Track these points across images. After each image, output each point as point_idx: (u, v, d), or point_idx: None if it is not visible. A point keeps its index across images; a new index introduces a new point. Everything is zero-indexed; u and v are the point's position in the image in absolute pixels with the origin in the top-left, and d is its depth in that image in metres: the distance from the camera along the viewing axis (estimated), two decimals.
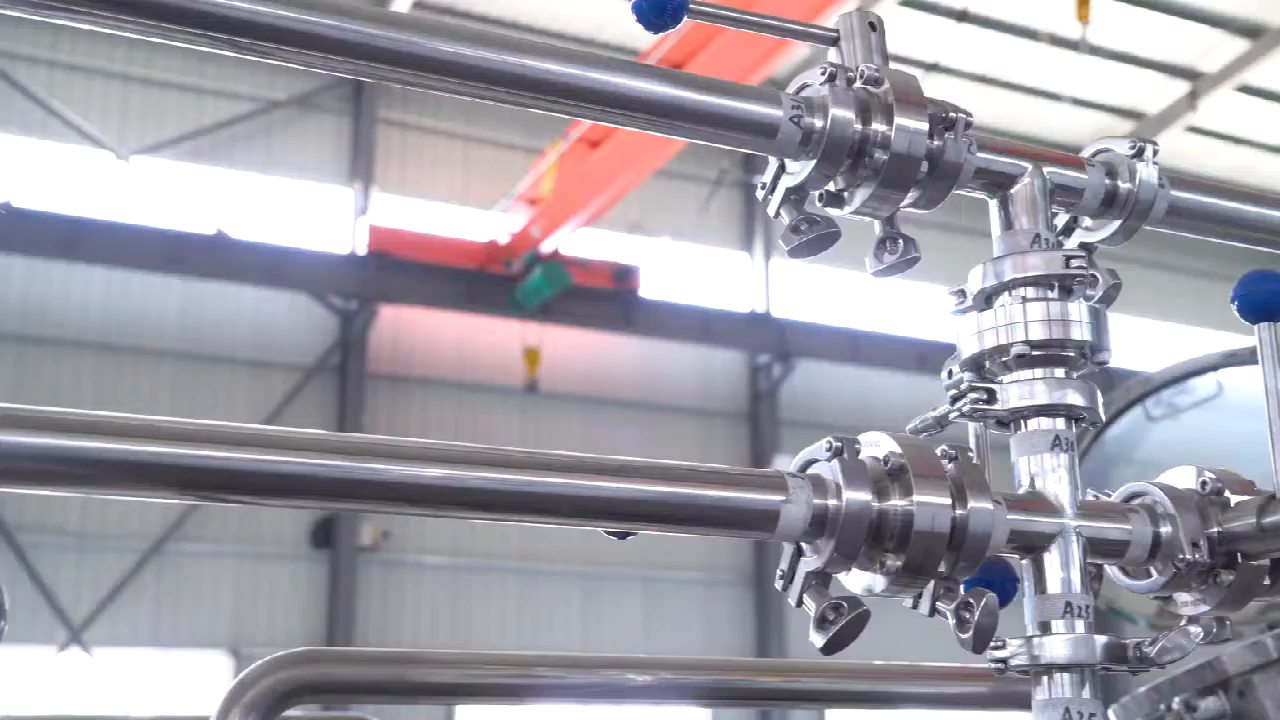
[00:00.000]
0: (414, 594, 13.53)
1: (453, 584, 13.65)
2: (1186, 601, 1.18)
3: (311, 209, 13.95)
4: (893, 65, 1.14)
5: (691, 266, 15.40)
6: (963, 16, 13.83)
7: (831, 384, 15.61)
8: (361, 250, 13.66)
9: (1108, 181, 1.25)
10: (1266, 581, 1.16)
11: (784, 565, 1.06)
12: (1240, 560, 1.15)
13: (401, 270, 13.43)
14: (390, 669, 1.54)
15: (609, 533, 1.04)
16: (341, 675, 1.47)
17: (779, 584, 1.06)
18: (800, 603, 1.05)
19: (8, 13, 0.94)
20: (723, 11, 1.12)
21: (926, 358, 13.93)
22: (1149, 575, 1.17)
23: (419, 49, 1.02)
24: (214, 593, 12.75)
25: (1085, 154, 1.29)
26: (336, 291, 13.52)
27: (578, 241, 13.93)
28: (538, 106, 1.09)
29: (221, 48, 0.98)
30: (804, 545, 1.05)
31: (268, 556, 13.01)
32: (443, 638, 13.20)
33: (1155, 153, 1.26)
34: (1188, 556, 1.13)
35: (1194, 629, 1.08)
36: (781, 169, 1.15)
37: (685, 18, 1.11)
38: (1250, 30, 15.03)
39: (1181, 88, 15.81)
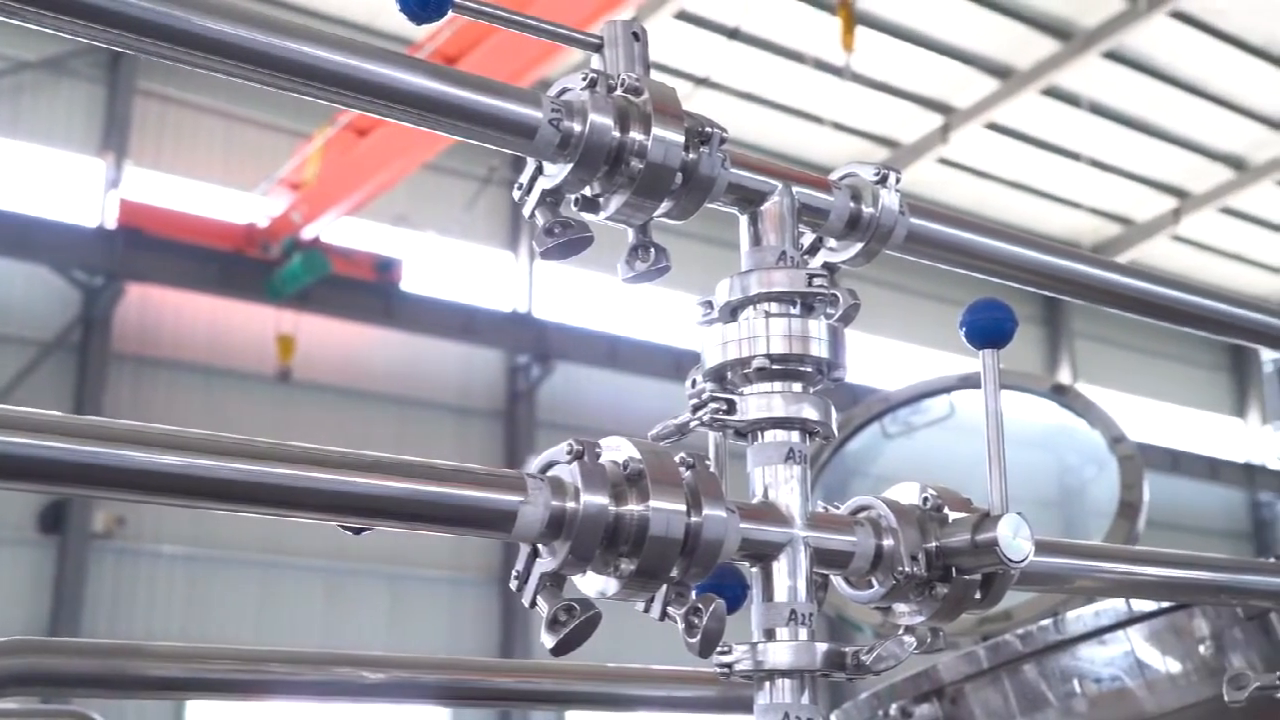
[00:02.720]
0: (148, 585, 13.03)
1: (190, 575, 13.20)
2: (904, 612, 1.23)
3: (58, 178, 13.30)
4: (665, 76, 1.16)
5: (455, 263, 15.30)
6: (734, 34, 14.13)
7: (589, 387, 15.73)
8: (110, 224, 13.09)
9: (852, 205, 1.30)
10: (977, 595, 1.22)
11: (519, 566, 1.06)
12: (955, 574, 1.20)
13: (152, 248, 12.92)
14: (108, 661, 1.47)
15: (344, 527, 1.02)
16: (52, 667, 1.40)
17: (514, 584, 1.06)
18: (534, 604, 1.05)
19: None
20: (487, 9, 1.11)
21: (683, 365, 14.14)
22: (871, 586, 1.22)
23: (178, 23, 0.98)
24: None
25: (833, 177, 1.33)
26: (81, 266, 12.91)
27: (340, 230, 13.67)
28: (294, 90, 1.06)
29: None
30: (540, 546, 1.06)
31: None
32: (177, 631, 12.75)
33: (898, 180, 1.31)
34: (906, 569, 1.18)
35: (908, 639, 1.12)
36: (539, 171, 1.15)
37: (450, 12, 1.11)
38: (1000, 71, 15.83)
39: (935, 120, 16.53)
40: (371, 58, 1.06)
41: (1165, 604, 1.81)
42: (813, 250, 1.33)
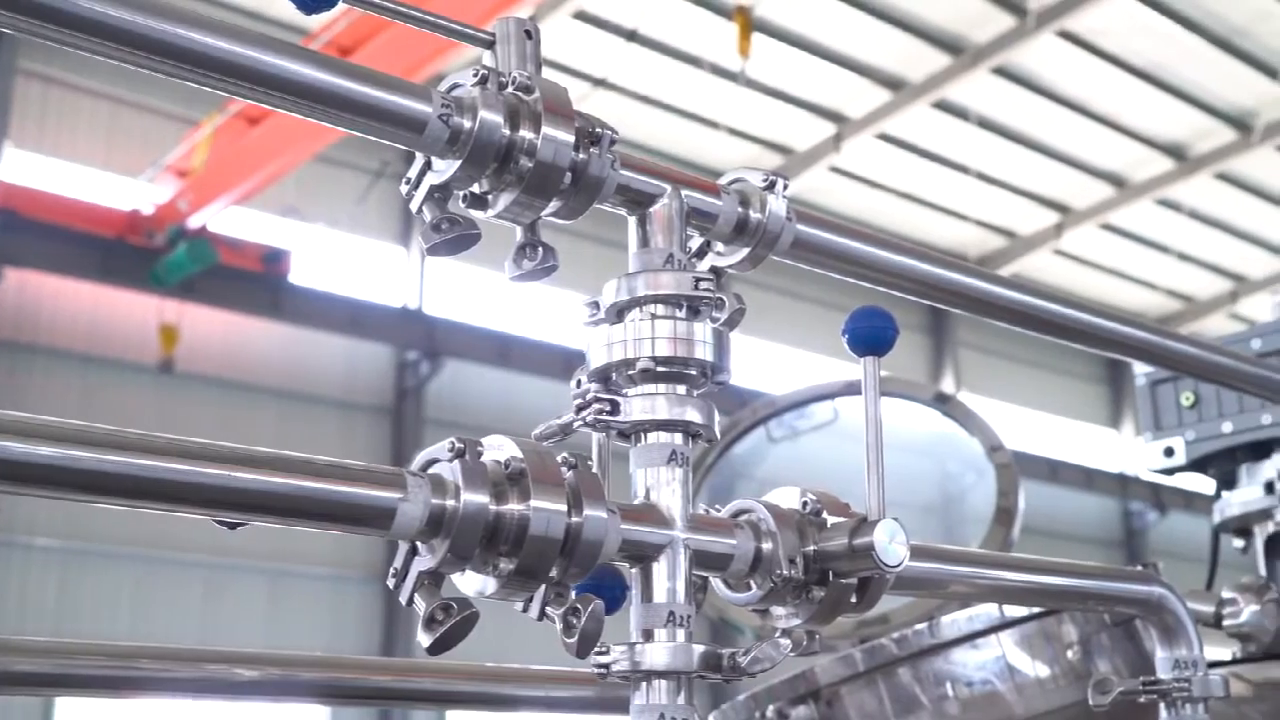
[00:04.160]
0: (20, 578, 12.68)
1: (64, 569, 12.87)
2: (781, 615, 1.24)
3: None
4: (563, 76, 1.16)
5: (345, 256, 15.11)
6: (632, 36, 14.15)
7: (479, 385, 15.63)
8: None
9: (740, 210, 1.31)
10: (854, 599, 1.24)
11: (397, 563, 1.05)
12: (832, 578, 1.22)
13: (32, 232, 12.56)
14: None
15: (219, 522, 1.01)
16: None
17: (391, 582, 1.05)
18: (411, 602, 1.05)
19: None
20: (377, 1, 1.10)
21: (574, 366, 14.01)
22: (750, 588, 1.23)
23: (61, 3, 0.96)
24: None
25: (722, 182, 1.34)
26: None
27: (228, 220, 13.43)
28: (179, 76, 1.04)
29: None
30: (419, 544, 1.05)
31: None
32: (49, 626, 12.42)
33: (785, 187, 1.32)
34: (784, 572, 1.20)
35: (784, 641, 1.14)
36: (427, 166, 1.15)
37: (340, 3, 1.09)
38: (892, 82, 16.05)
39: (828, 129, 16.71)
40: (258, 46, 1.05)
41: (1036, 610, 1.86)
42: (700, 254, 1.34)
